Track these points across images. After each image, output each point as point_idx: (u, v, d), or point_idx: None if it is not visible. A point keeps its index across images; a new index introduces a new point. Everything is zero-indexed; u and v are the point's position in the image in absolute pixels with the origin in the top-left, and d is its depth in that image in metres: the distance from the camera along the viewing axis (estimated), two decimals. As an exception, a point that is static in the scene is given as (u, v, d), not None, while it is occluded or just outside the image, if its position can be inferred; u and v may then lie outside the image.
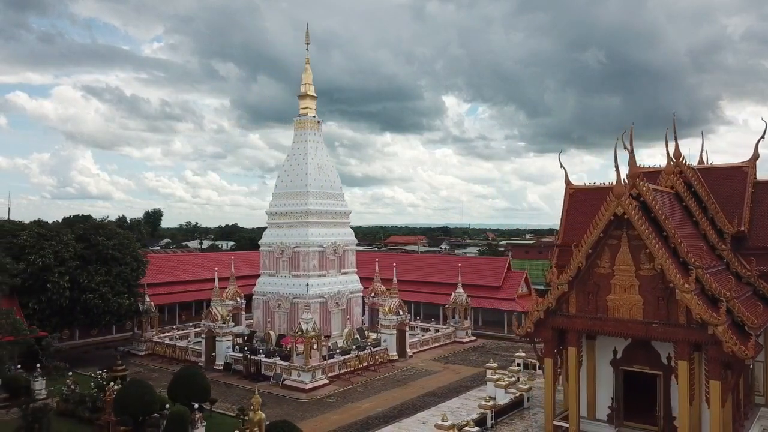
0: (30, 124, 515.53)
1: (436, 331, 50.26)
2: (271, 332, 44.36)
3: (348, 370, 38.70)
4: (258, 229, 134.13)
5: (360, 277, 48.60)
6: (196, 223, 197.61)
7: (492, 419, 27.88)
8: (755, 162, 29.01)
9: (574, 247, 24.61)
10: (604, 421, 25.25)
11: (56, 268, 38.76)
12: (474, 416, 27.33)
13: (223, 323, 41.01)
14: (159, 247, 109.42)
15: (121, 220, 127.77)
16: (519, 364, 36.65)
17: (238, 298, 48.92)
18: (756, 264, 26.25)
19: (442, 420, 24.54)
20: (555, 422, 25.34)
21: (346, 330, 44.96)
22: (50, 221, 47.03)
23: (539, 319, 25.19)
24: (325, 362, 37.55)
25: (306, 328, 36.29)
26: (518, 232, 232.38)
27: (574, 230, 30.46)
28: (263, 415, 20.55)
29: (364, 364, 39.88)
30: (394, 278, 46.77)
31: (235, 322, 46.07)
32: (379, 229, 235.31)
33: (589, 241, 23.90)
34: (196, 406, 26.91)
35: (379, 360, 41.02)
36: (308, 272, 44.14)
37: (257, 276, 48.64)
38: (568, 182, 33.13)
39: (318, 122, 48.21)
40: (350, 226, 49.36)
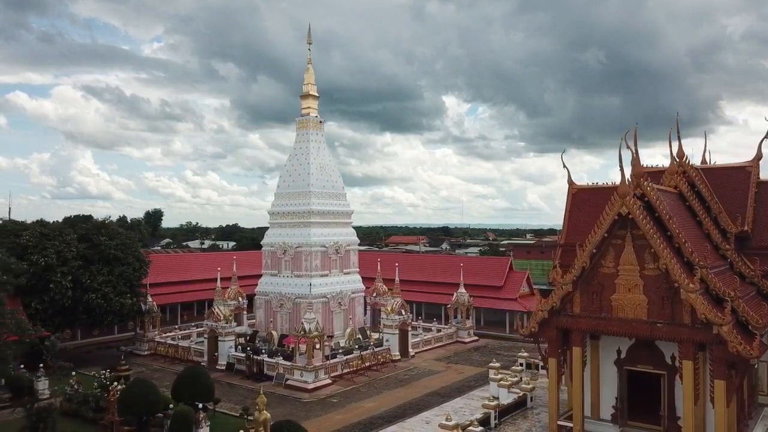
0: (30, 124, 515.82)
1: (438, 331, 50.26)
2: (274, 332, 44.41)
3: (351, 370, 38.71)
4: (258, 229, 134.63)
5: (362, 277, 48.65)
6: (197, 223, 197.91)
7: (495, 419, 27.93)
8: (758, 162, 29.03)
9: (578, 247, 24.63)
10: (608, 421, 25.28)
11: (59, 268, 38.76)
12: (478, 416, 27.40)
13: (226, 323, 41.05)
14: (159, 247, 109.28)
15: (122, 220, 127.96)
16: (522, 364, 36.71)
17: (240, 298, 48.94)
18: (759, 264, 26.28)
19: (446, 420, 24.53)
20: (559, 422, 25.36)
21: (348, 330, 45.02)
22: (50, 221, 46.80)
23: (543, 318, 25.20)
24: (327, 362, 37.59)
25: (309, 328, 36.34)
26: (518, 232, 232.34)
27: (577, 230, 30.54)
28: (268, 415, 20.44)
29: (367, 364, 39.89)
30: (397, 278, 46.77)
31: (237, 322, 46.06)
32: (380, 229, 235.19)
33: (593, 240, 23.91)
34: (200, 405, 26.92)
35: (381, 360, 41.03)
36: (310, 272, 44.17)
37: (259, 276, 48.68)
38: (570, 182, 33.22)
39: (320, 122, 48.25)
40: (351, 226, 49.43)
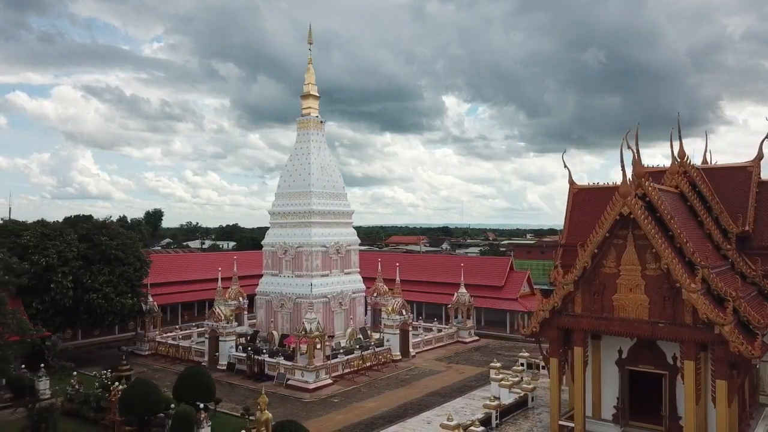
0: (30, 124, 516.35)
1: (439, 331, 50.24)
2: (274, 332, 44.41)
3: (351, 369, 38.69)
4: (258, 229, 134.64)
5: (362, 277, 48.64)
6: (197, 224, 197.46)
7: (497, 419, 27.93)
8: (759, 162, 29.04)
9: (579, 247, 24.62)
10: (610, 421, 25.27)
11: (60, 268, 38.74)
12: (479, 416, 27.40)
13: (227, 323, 41.04)
14: (160, 247, 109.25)
15: (122, 220, 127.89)
16: (522, 364, 36.67)
17: (240, 298, 48.91)
18: (761, 264, 26.27)
19: (448, 420, 24.54)
20: (560, 422, 25.35)
21: (349, 330, 45.00)
22: (50, 221, 46.90)
23: (545, 318, 25.18)
24: (328, 362, 37.57)
25: (310, 328, 36.33)
26: (518, 232, 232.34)
27: (578, 230, 30.57)
28: (270, 415, 20.48)
29: (368, 364, 39.87)
30: (397, 278, 46.75)
31: (238, 321, 46.07)
32: (379, 229, 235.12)
33: (594, 240, 23.90)
34: (201, 405, 26.91)
35: (382, 360, 41.01)
36: (311, 272, 44.18)
37: (259, 276, 48.70)
38: (571, 182, 33.22)
39: (321, 122, 48.26)
40: (352, 227, 49.43)
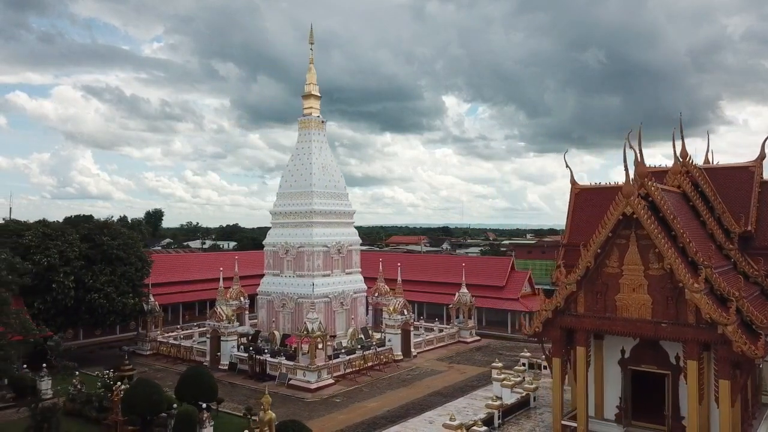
0: (30, 124, 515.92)
1: (440, 331, 50.26)
2: (276, 332, 44.41)
3: (353, 369, 38.70)
4: (258, 229, 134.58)
5: (363, 277, 48.62)
6: (197, 224, 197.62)
7: (499, 419, 27.94)
8: (762, 162, 29.03)
9: (582, 247, 24.62)
10: (612, 421, 25.29)
11: (61, 267, 38.77)
12: (481, 416, 27.40)
13: (228, 323, 41.05)
14: (160, 247, 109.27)
15: (123, 220, 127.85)
16: (524, 364, 36.74)
17: (242, 298, 48.93)
18: (763, 264, 26.31)
19: (450, 420, 24.55)
20: (563, 422, 25.37)
21: (350, 330, 45.02)
22: (51, 221, 46.90)
23: (548, 318, 25.21)
24: (330, 362, 37.57)
25: (312, 328, 36.33)
26: (518, 232, 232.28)
27: (579, 230, 30.52)
28: (273, 415, 20.54)
29: (369, 364, 39.87)
30: (399, 278, 46.77)
31: (239, 321, 46.09)
32: (380, 229, 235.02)
33: (597, 240, 23.92)
34: (203, 405, 26.91)
35: (384, 360, 41.01)
36: (313, 272, 44.16)
37: (260, 276, 48.70)
38: (573, 182, 33.20)
39: (322, 122, 48.26)
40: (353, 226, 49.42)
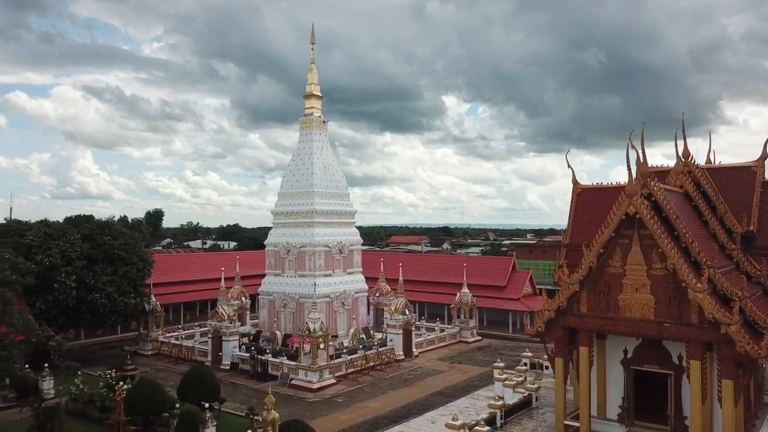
0: (30, 124, 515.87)
1: (442, 330, 50.26)
2: (277, 332, 44.40)
3: (355, 369, 38.69)
4: (259, 229, 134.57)
5: (364, 277, 48.61)
6: (197, 224, 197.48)
7: (501, 419, 27.94)
8: (764, 162, 29.05)
9: (584, 247, 24.62)
10: (615, 421, 25.29)
11: (63, 267, 38.78)
12: (484, 416, 27.40)
13: (230, 323, 41.06)
14: (161, 247, 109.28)
15: (123, 220, 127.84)
16: (526, 364, 36.74)
17: (243, 298, 48.93)
18: (766, 263, 26.34)
19: (453, 419, 24.56)
20: (566, 421, 25.36)
21: (351, 330, 45.02)
22: (51, 221, 46.93)
23: (550, 318, 25.21)
24: (332, 362, 37.57)
25: (313, 328, 36.31)
26: (519, 232, 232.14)
27: (581, 230, 30.57)
28: (277, 415, 20.51)
29: (371, 364, 39.87)
30: (400, 278, 46.76)
31: (240, 321, 46.11)
32: (380, 229, 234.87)
33: (600, 240, 23.92)
34: (206, 405, 26.92)
35: (385, 360, 41.01)
36: (314, 272, 44.13)
37: (260, 276, 48.67)
38: (575, 182, 33.21)
39: (323, 122, 48.24)
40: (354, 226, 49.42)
